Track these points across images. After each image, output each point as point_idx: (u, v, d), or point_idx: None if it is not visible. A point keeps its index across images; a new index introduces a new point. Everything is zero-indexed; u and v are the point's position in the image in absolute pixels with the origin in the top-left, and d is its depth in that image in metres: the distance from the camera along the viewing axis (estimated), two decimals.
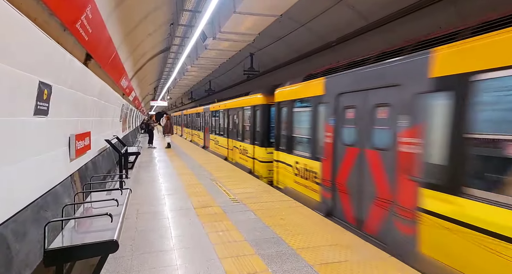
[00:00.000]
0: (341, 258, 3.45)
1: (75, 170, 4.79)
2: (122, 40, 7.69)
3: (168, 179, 7.91)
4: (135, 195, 6.15)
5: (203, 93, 25.01)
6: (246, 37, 8.36)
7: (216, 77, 19.68)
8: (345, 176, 5.00)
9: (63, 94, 3.90)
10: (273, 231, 4.28)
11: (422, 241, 3.49)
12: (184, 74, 16.26)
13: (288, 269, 3.22)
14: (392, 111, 4.03)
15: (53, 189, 3.67)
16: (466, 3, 5.64)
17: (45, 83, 3.13)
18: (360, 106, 4.69)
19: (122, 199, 4.00)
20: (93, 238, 2.78)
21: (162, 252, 3.65)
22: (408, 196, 3.70)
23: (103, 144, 7.30)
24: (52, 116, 3.55)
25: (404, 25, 6.68)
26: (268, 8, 6.29)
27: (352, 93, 4.87)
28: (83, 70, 4.66)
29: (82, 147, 4.99)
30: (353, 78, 4.86)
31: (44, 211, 3.29)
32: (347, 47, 8.47)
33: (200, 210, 5.24)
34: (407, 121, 3.74)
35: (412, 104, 3.66)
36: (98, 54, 4.89)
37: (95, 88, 5.98)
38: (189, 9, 8.57)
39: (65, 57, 3.62)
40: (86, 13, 3.33)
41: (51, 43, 3.08)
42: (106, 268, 3.24)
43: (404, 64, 3.86)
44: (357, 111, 4.76)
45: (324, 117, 5.57)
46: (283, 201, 5.80)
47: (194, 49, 11.53)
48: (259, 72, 13.30)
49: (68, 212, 3.73)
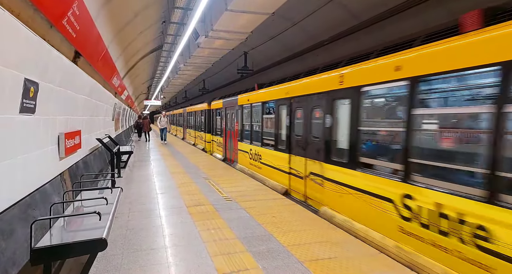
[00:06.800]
0: (331, 255, 3.47)
1: (65, 169, 4.74)
2: (112, 38, 7.62)
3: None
4: (127, 194, 6.11)
5: (197, 92, 24.91)
6: (238, 35, 8.35)
7: (210, 76, 19.61)
8: (227, 142, 12.11)
9: (51, 92, 3.86)
10: (264, 228, 4.28)
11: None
12: (178, 73, 16.18)
13: (278, 266, 3.22)
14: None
15: (41, 188, 3.63)
16: (454, 2, 5.70)
17: (31, 81, 3.08)
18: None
19: (113, 198, 3.98)
20: (82, 237, 2.76)
21: (153, 250, 3.64)
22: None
23: (95, 143, 7.24)
24: (40, 115, 3.51)
25: (394, 24, 6.73)
26: (260, 6, 6.29)
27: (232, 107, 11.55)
28: (72, 68, 4.61)
29: (72, 145, 4.94)
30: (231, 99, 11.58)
31: (32, 209, 3.25)
32: (339, 46, 8.51)
33: (192, 208, 5.23)
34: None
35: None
36: (87, 51, 4.84)
37: (85, 86, 5.91)
38: (181, 7, 8.52)
39: (52, 54, 3.57)
40: (72, 10, 3.29)
41: (37, 40, 3.03)
42: (96, 266, 3.22)
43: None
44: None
45: (221, 117, 13.10)
46: (275, 199, 5.82)
47: (187, 48, 11.48)
48: (252, 71, 13.30)
49: (57, 211, 3.69)
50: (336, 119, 5.28)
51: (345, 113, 4.95)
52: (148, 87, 29.13)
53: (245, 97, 9.86)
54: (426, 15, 6.21)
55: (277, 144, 7.53)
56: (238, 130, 10.56)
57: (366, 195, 4.40)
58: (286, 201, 5.65)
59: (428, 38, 3.77)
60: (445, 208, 3.22)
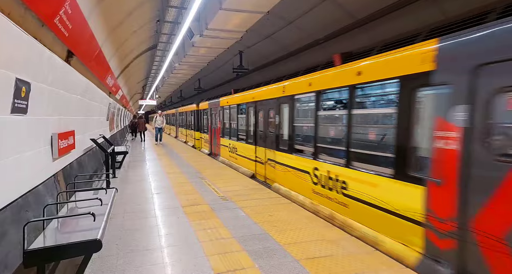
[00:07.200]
0: (327, 253, 3.48)
1: (59, 170, 4.69)
2: (106, 37, 7.54)
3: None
4: (122, 194, 6.07)
5: (193, 91, 24.81)
6: (233, 34, 8.32)
7: (205, 76, 19.52)
8: (212, 139, 13.75)
9: (43, 92, 3.80)
10: (261, 227, 4.29)
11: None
12: (172, 72, 16.10)
13: (275, 264, 3.23)
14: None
15: (34, 189, 3.59)
16: (448, 1, 5.73)
17: (23, 81, 3.04)
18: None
19: (107, 199, 3.95)
20: (76, 238, 2.73)
21: (148, 250, 3.61)
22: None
23: (89, 143, 7.17)
24: (32, 115, 3.46)
25: (388, 23, 6.76)
26: (254, 5, 6.28)
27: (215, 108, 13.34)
28: (64, 67, 4.55)
29: (65, 146, 4.88)
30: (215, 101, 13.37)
31: (25, 211, 3.21)
32: (335, 45, 8.52)
33: (188, 208, 5.21)
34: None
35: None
36: (80, 51, 4.78)
37: (78, 86, 5.85)
38: (175, 6, 8.47)
39: (44, 54, 3.52)
40: (65, 8, 3.24)
41: (28, 39, 2.99)
42: (91, 267, 3.19)
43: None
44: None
45: (207, 117, 14.83)
46: (271, 198, 5.82)
47: (182, 47, 11.42)
48: (248, 70, 13.26)
49: (51, 212, 3.65)
50: (281, 118, 7.20)
51: (286, 114, 6.89)
52: (143, 87, 28.94)
53: (225, 100, 11.88)
54: (417, 14, 6.24)
55: (247, 138, 9.50)
56: (221, 128, 12.53)
57: (297, 171, 6.36)
58: (282, 200, 5.67)
59: (328, 65, 5.75)
60: (331, 173, 5.25)
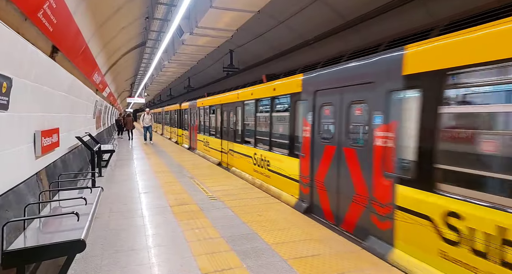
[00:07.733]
0: (314, 252, 3.50)
1: (42, 168, 4.55)
2: (93, 33, 7.38)
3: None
4: (108, 193, 5.95)
5: (182, 90, 24.58)
6: (224, 33, 8.28)
7: (195, 74, 19.37)
8: (191, 135, 16.17)
9: (26, 88, 3.68)
10: (249, 227, 4.27)
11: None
12: (162, 70, 15.91)
13: (263, 264, 3.22)
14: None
15: (15, 188, 3.47)
16: (437, 3, 5.84)
17: (4, 76, 2.93)
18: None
19: (93, 198, 3.86)
20: (59, 238, 2.65)
21: (134, 250, 3.55)
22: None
23: (74, 141, 7.00)
24: (14, 111, 3.35)
25: (379, 24, 6.85)
26: (245, 4, 6.25)
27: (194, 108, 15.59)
28: (49, 63, 4.42)
29: (49, 144, 4.75)
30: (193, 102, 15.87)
31: (4, 211, 3.10)
32: (325, 46, 8.58)
33: (177, 207, 5.16)
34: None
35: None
36: (65, 46, 4.66)
37: (64, 83, 5.70)
38: (165, 3, 8.36)
39: (27, 49, 3.41)
40: (49, 2, 3.14)
41: (10, 33, 2.89)
42: (74, 268, 3.12)
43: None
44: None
45: (188, 116, 16.92)
46: (260, 197, 5.82)
47: (171, 45, 11.29)
48: (238, 69, 13.23)
49: (32, 212, 3.54)
50: (237, 118, 9.52)
51: (240, 114, 9.25)
52: (131, 85, 28.50)
53: (200, 102, 14.17)
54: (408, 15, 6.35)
55: (216, 133, 11.78)
56: (197, 125, 14.76)
57: (245, 156, 8.60)
58: (271, 199, 5.68)
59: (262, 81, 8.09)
60: (262, 156, 7.47)
